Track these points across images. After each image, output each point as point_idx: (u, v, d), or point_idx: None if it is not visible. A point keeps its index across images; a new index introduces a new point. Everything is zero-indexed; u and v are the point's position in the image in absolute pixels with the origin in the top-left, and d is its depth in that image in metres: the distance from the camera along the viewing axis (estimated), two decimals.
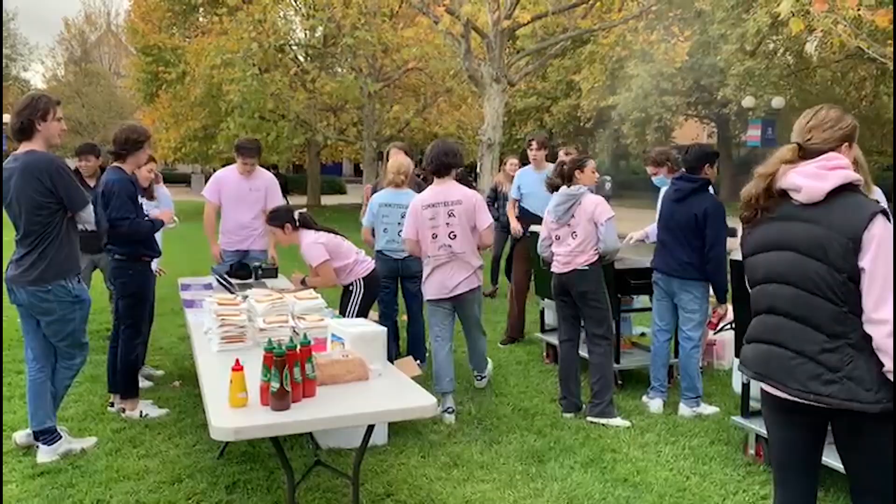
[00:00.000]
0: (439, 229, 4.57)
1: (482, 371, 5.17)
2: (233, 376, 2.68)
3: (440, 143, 4.84)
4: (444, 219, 4.56)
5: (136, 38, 24.53)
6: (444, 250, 4.59)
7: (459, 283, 4.61)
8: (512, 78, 13.49)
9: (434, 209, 4.59)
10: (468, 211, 4.58)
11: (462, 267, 4.61)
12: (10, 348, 6.04)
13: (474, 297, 4.76)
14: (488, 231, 4.67)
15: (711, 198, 4.61)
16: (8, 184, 3.71)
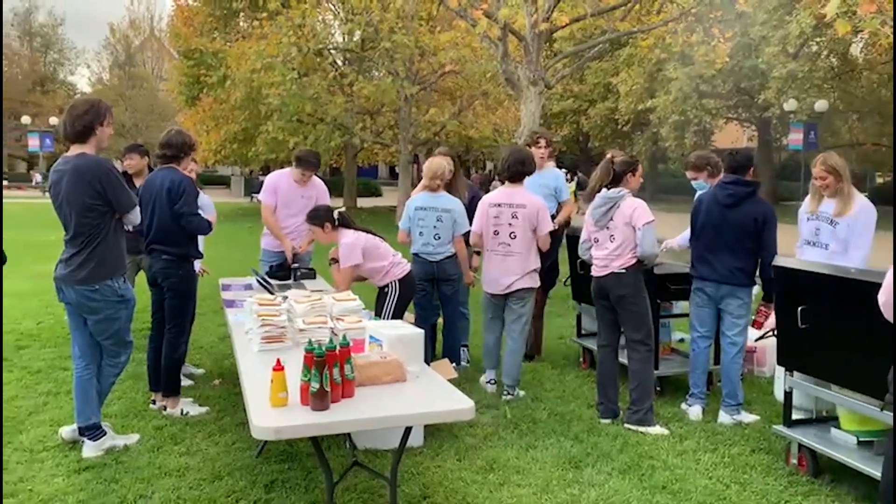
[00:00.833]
0: (501, 227, 5.01)
1: (512, 381, 5.12)
2: (274, 376, 2.72)
3: (516, 152, 5.19)
4: (507, 219, 4.99)
5: (178, 42, 25.06)
6: (502, 248, 5.02)
7: (513, 281, 5.00)
8: (549, 81, 13.44)
9: (499, 209, 5.03)
10: (531, 216, 4.95)
11: (517, 266, 4.98)
12: (57, 346, 6.20)
13: (527, 296, 5.08)
14: (545, 237, 5.04)
15: (764, 201, 4.64)
16: (58, 186, 3.81)
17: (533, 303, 5.25)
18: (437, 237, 5.37)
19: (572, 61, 16.13)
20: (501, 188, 5.20)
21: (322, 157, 24.96)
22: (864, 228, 4.37)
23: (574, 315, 6.36)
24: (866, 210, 4.41)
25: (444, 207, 5.36)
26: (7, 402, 4.73)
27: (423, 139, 22.92)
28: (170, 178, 4.47)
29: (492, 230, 5.06)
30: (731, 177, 4.64)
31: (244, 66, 19.10)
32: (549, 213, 5.15)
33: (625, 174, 4.56)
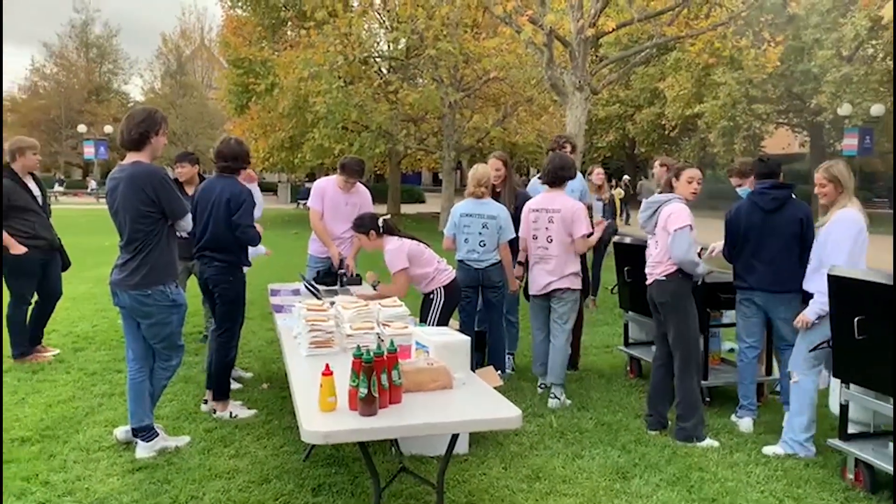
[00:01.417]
0: (539, 232, 5.14)
1: (557, 380, 5.10)
2: (323, 381, 2.75)
3: (556, 158, 5.29)
4: (544, 223, 5.12)
5: (227, 51, 25.53)
6: (541, 251, 5.15)
7: (550, 282, 5.10)
8: (595, 86, 13.35)
9: (538, 213, 5.17)
10: (565, 220, 5.04)
11: (555, 269, 5.08)
12: (111, 349, 6.37)
13: (566, 298, 5.13)
14: (581, 240, 5.09)
15: (803, 202, 4.61)
16: (114, 193, 3.92)
17: (576, 305, 5.24)
18: (482, 244, 5.37)
19: (618, 66, 15.99)
20: (542, 193, 5.31)
21: (366, 164, 25.23)
22: (834, 244, 4.08)
23: (621, 323, 6.27)
24: (841, 223, 4.09)
25: (489, 214, 5.36)
26: (65, 402, 4.88)
27: (466, 146, 22.96)
28: (230, 189, 4.55)
29: (531, 234, 5.21)
30: (768, 181, 4.56)
31: (292, 74, 19.41)
32: (585, 215, 5.14)
33: (675, 179, 4.53)
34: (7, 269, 5.74)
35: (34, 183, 5.92)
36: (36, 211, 5.82)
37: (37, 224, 5.79)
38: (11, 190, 5.67)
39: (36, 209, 5.82)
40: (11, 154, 5.79)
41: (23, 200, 5.72)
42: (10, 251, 5.63)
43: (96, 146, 42.00)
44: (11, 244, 5.62)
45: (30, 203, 5.77)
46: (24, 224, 5.70)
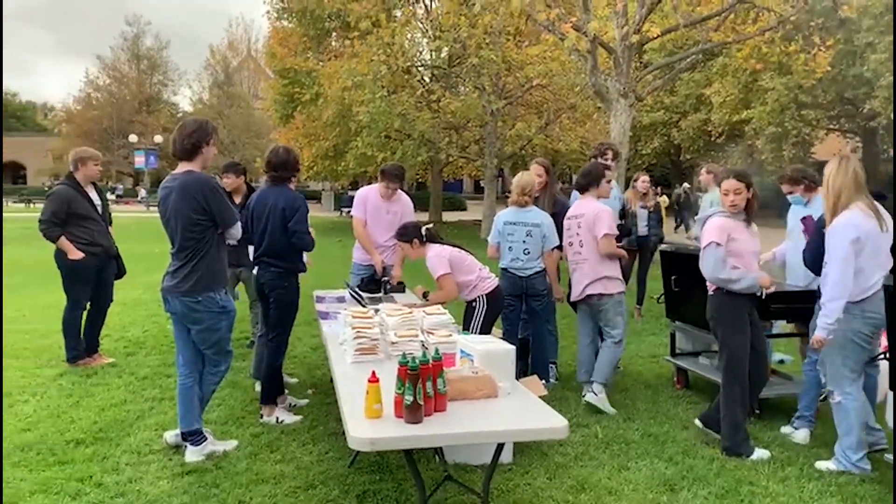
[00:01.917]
0: (573, 238, 5.24)
1: (600, 379, 5.08)
2: (369, 388, 2.77)
3: (586, 166, 5.46)
4: (575, 229, 5.21)
5: (273, 61, 26.01)
6: (575, 257, 5.23)
7: (586, 286, 5.15)
8: (640, 93, 13.21)
9: (570, 221, 5.29)
10: (588, 222, 5.12)
11: (588, 273, 5.13)
12: (161, 353, 6.51)
13: (604, 303, 5.15)
14: (604, 240, 5.08)
15: None
16: (166, 201, 4.01)
17: (619, 308, 5.20)
18: (526, 252, 5.36)
19: (663, 73, 15.79)
20: (578, 201, 5.41)
21: (408, 172, 25.45)
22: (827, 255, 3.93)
23: (667, 333, 6.18)
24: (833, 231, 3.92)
25: (533, 222, 5.35)
26: (117, 405, 5.00)
27: (508, 153, 22.95)
28: (284, 198, 4.64)
29: (567, 242, 5.32)
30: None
31: (336, 84, 19.66)
32: (608, 217, 5.13)
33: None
34: (64, 273, 5.95)
35: (95, 192, 6.14)
36: (95, 219, 6.03)
37: (95, 232, 6.00)
38: (73, 198, 5.89)
39: (95, 217, 6.04)
40: (74, 164, 6.03)
41: (83, 208, 5.94)
42: (68, 256, 5.83)
43: (146, 155, 43.09)
44: (69, 249, 5.82)
45: (89, 211, 5.99)
46: (83, 231, 5.92)
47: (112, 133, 52.78)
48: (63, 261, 5.91)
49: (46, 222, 5.83)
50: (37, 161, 68.08)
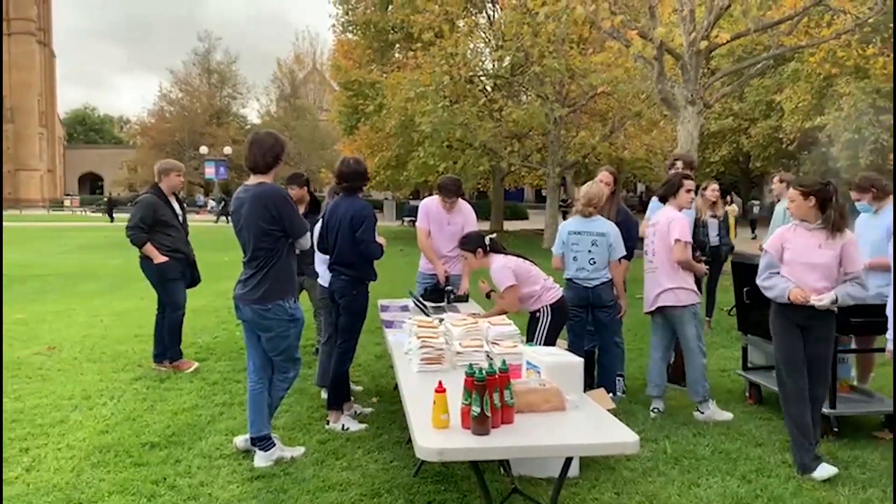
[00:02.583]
0: (649, 247, 5.19)
1: (696, 398, 5.04)
2: (436, 398, 2.76)
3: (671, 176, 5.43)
4: (651, 238, 5.17)
5: (338, 74, 26.50)
6: (648, 265, 5.20)
7: (657, 296, 5.09)
8: (708, 100, 12.92)
9: (648, 230, 5.27)
10: (662, 231, 5.06)
11: (660, 282, 5.08)
12: (231, 359, 6.67)
13: (679, 314, 5.06)
14: (677, 247, 4.99)
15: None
16: (239, 212, 4.13)
17: (693, 320, 5.11)
18: (592, 262, 5.29)
19: (732, 79, 15.40)
20: (661, 209, 5.33)
21: (469, 182, 25.50)
22: None
23: (738, 346, 5.99)
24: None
25: (598, 231, 5.28)
26: (189, 410, 5.14)
27: (571, 162, 22.75)
28: (353, 208, 4.73)
29: (644, 251, 5.28)
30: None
31: (399, 95, 19.88)
32: (681, 224, 5.04)
33: None
34: (154, 281, 6.21)
35: (177, 202, 6.40)
36: (177, 227, 6.31)
37: (177, 239, 6.28)
38: (158, 205, 6.18)
39: (177, 225, 6.32)
40: (158, 174, 6.35)
41: (167, 216, 6.22)
42: (153, 261, 6.09)
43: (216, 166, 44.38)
44: (154, 254, 6.07)
45: (172, 219, 6.27)
46: (165, 238, 6.19)
47: (184, 145, 54.69)
48: (150, 268, 6.16)
49: (134, 228, 6.09)
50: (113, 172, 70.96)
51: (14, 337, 7.60)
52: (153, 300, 6.55)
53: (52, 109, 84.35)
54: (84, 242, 22.86)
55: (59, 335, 7.75)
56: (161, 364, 6.27)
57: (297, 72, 59.60)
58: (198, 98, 60.03)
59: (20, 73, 77.41)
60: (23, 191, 74.94)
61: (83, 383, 5.81)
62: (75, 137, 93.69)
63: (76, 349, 7.06)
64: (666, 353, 5.27)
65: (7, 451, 4.31)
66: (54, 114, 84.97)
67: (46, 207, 61.26)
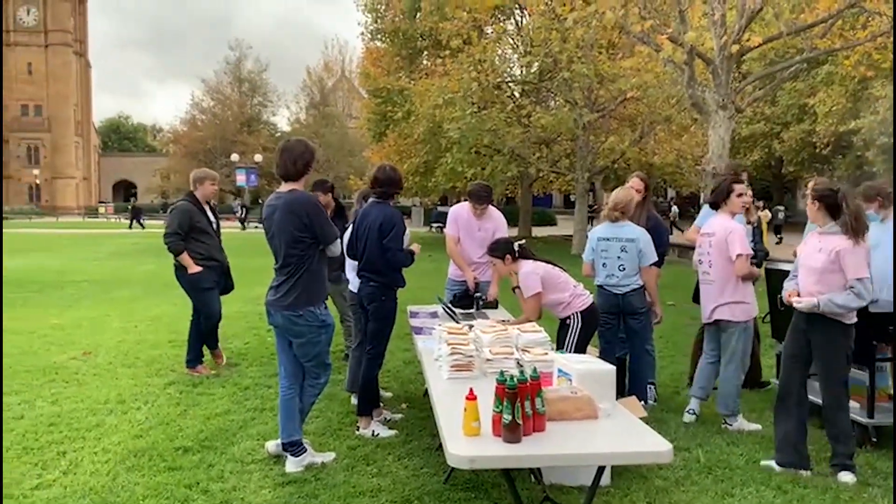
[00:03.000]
0: (703, 256, 5.10)
1: (725, 410, 4.99)
2: (467, 405, 2.76)
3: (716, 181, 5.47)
4: (706, 248, 5.04)
5: (367, 81, 26.68)
6: (704, 276, 5.10)
7: (713, 309, 5.00)
8: (739, 104, 12.77)
9: (702, 238, 5.12)
10: (719, 242, 4.90)
11: (715, 295, 4.97)
12: (262, 365, 6.74)
13: (730, 330, 4.99)
14: (739, 261, 4.87)
15: None
16: (271, 219, 4.17)
17: (744, 336, 5.03)
18: (621, 268, 5.24)
19: (764, 83, 15.20)
20: (713, 217, 5.22)
21: (498, 188, 25.48)
22: None
23: (772, 354, 5.90)
24: None
25: (627, 237, 5.24)
26: (221, 415, 5.20)
27: (600, 167, 22.62)
28: (383, 215, 4.76)
29: (698, 259, 5.18)
30: None
31: (427, 102, 19.95)
32: (740, 236, 4.93)
33: None
34: (188, 289, 6.32)
35: (210, 210, 6.51)
36: (211, 234, 6.42)
37: (211, 247, 6.39)
38: (194, 212, 6.30)
39: (211, 233, 6.43)
40: (193, 182, 6.48)
41: (202, 223, 6.33)
42: (188, 271, 6.20)
43: (247, 174, 44.89)
44: (189, 265, 6.17)
45: (206, 227, 6.38)
46: (200, 245, 6.29)
47: (215, 152, 55.46)
48: (184, 277, 6.26)
49: (173, 235, 6.20)
50: (146, 179, 72.19)
51: (51, 342, 7.76)
52: (186, 306, 6.64)
53: (88, 118, 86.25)
54: (117, 249, 23.26)
55: (95, 340, 7.89)
56: (194, 369, 6.35)
57: (327, 80, 60.11)
58: (229, 106, 60.85)
59: (57, 83, 79.29)
60: (59, 198, 76.60)
61: (118, 388, 5.91)
62: (110, 146, 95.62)
63: (111, 354, 7.18)
64: (717, 362, 5.18)
65: (45, 454, 4.40)
66: (90, 123, 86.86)
67: (82, 214, 62.47)
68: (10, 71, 76.30)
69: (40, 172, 74.76)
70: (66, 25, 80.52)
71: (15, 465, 4.22)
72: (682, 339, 7.70)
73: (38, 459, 4.31)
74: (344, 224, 5.86)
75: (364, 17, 28.30)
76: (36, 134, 78.99)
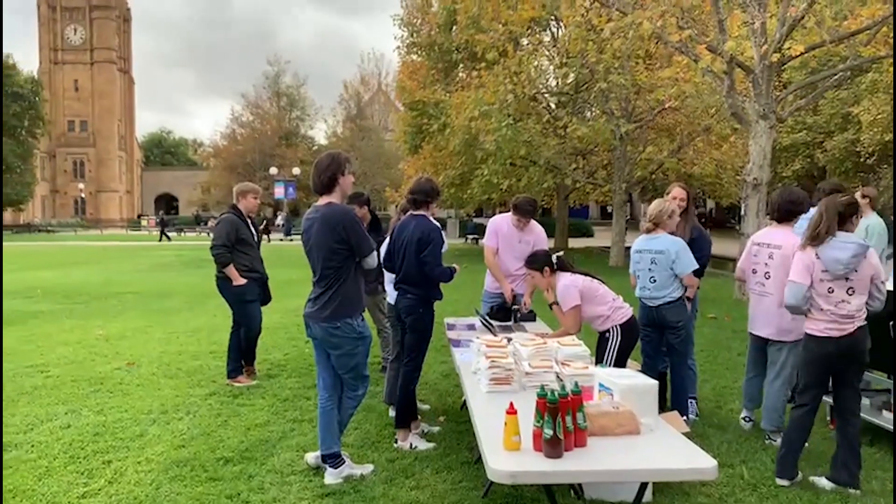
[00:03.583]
0: (759, 266, 5.00)
1: (770, 426, 4.94)
2: (507, 419, 2.75)
3: (788, 192, 5.09)
4: (764, 258, 4.94)
5: (403, 94, 26.80)
6: (758, 287, 4.99)
7: (763, 324, 4.95)
8: (781, 114, 12.55)
9: (759, 247, 5.02)
10: (786, 257, 4.66)
11: (770, 310, 4.88)
12: (301, 376, 6.79)
13: (778, 347, 4.93)
14: None
15: None
16: (309, 232, 4.22)
17: (795, 355, 4.87)
18: (652, 280, 5.18)
19: (806, 92, 14.92)
20: (768, 227, 5.17)
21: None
22: None
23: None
24: None
25: (657, 249, 5.16)
26: (261, 426, 5.25)
27: (637, 178, 22.39)
28: (421, 228, 4.79)
29: (751, 268, 5.08)
30: None
31: (463, 114, 19.98)
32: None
33: (851, 216, 4.11)
34: (231, 301, 6.43)
35: (251, 223, 6.65)
36: (253, 246, 6.55)
37: (253, 259, 6.51)
38: (238, 224, 6.42)
39: (253, 245, 6.55)
40: (236, 195, 6.63)
41: (246, 235, 6.46)
42: (231, 282, 6.30)
43: (286, 187, 45.47)
44: (234, 276, 6.28)
45: (250, 239, 6.51)
46: (243, 257, 6.42)
47: (254, 166, 56.32)
48: (228, 289, 6.36)
49: (220, 247, 6.32)
50: (187, 192, 73.59)
51: (96, 353, 7.92)
52: (226, 317, 6.74)
53: (131, 133, 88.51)
54: (159, 261, 23.70)
55: (138, 351, 8.04)
56: (235, 380, 6.43)
57: (363, 93, 60.70)
58: (268, 120, 61.82)
59: (102, 99, 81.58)
60: (103, 211, 78.66)
61: (161, 398, 6.01)
62: (152, 160, 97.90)
63: (154, 365, 7.31)
64: (760, 376, 5.12)
65: (91, 463, 4.48)
66: (132, 137, 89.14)
67: (125, 227, 63.90)
68: (57, 88, 78.80)
69: (85, 186, 76.91)
70: (111, 44, 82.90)
71: (62, 474, 4.31)
72: (723, 353, 7.56)
73: (84, 468, 4.40)
74: (379, 236, 5.90)
75: (400, 31, 28.58)
76: (82, 149, 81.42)
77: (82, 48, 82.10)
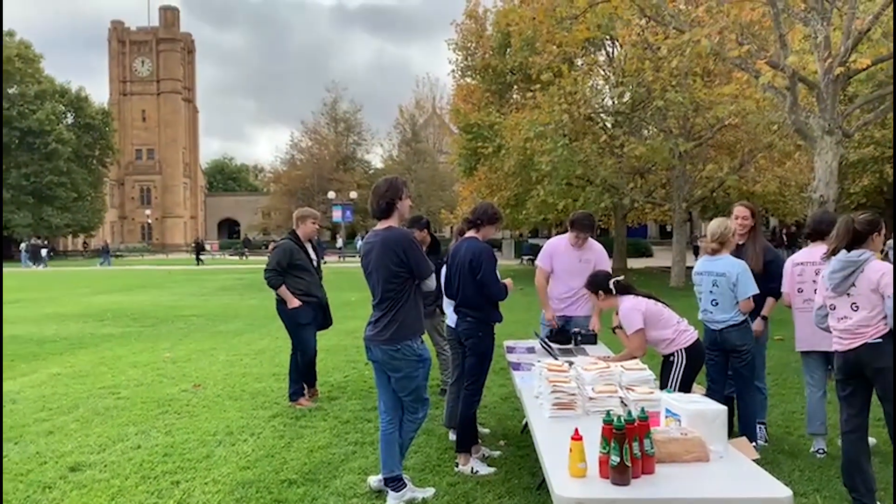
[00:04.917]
0: (805, 286, 4.99)
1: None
2: (573, 445, 2.71)
3: (819, 214, 5.36)
4: (810, 276, 4.94)
5: (458, 117, 27.02)
6: (807, 304, 4.90)
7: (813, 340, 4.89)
8: (847, 129, 12.18)
9: (802, 267, 5.05)
10: None
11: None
12: (361, 398, 6.84)
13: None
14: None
15: None
16: (368, 256, 4.28)
17: None
18: (714, 302, 5.06)
19: (875, 106, 14.44)
20: (808, 247, 5.17)
21: None
22: None
23: None
24: None
25: (718, 272, 5.03)
26: (323, 448, 5.30)
27: (698, 197, 21.98)
28: (471, 251, 4.81)
29: (796, 288, 5.08)
30: None
31: (518, 135, 20.02)
32: None
33: (868, 234, 3.97)
34: (288, 324, 6.57)
35: (311, 248, 6.76)
36: (311, 271, 6.65)
37: (311, 283, 6.61)
38: (294, 250, 6.55)
39: (311, 270, 6.66)
40: (296, 221, 6.78)
41: (302, 260, 6.58)
42: (287, 306, 6.42)
43: (343, 210, 46.23)
44: (289, 298, 6.41)
45: (307, 264, 6.61)
46: (298, 282, 6.52)
47: (313, 190, 57.47)
48: (285, 312, 6.50)
49: (271, 271, 6.48)
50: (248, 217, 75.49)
51: (164, 375, 8.15)
52: (287, 339, 6.85)
53: (195, 160, 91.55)
54: (222, 285, 24.30)
55: (203, 373, 8.24)
56: (297, 402, 6.52)
57: (418, 117, 61.38)
58: (326, 145, 63.08)
59: (168, 128, 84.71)
60: (168, 236, 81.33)
61: (226, 420, 6.13)
62: (215, 185, 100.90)
63: (219, 387, 7.47)
64: (826, 391, 4.99)
65: (160, 483, 4.60)
66: (197, 164, 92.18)
67: (190, 251, 65.83)
68: (126, 118, 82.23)
69: (151, 212, 79.71)
70: (176, 74, 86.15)
71: (133, 493, 4.43)
72: (791, 375, 7.31)
73: (154, 488, 4.52)
74: (438, 259, 5.93)
75: (455, 55, 28.89)
76: (148, 176, 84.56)
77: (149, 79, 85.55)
